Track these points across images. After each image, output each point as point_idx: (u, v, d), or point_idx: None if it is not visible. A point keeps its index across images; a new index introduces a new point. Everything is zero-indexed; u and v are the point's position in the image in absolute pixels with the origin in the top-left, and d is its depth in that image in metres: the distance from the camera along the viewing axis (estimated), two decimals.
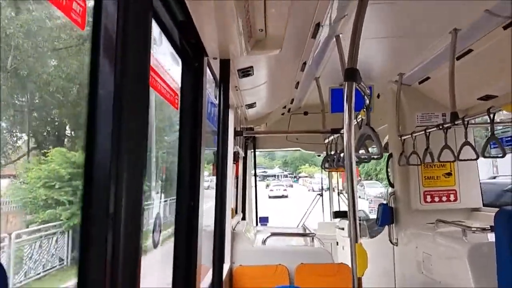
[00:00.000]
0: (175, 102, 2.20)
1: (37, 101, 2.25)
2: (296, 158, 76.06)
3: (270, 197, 40.15)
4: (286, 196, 42.59)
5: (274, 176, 73.44)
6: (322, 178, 9.28)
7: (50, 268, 2.34)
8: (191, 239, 2.35)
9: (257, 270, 3.93)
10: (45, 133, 2.40)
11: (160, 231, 2.70)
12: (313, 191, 8.55)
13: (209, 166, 3.67)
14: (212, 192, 3.10)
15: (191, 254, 2.36)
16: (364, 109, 3.04)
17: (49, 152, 2.34)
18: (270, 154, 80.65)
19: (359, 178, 33.99)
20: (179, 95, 2.26)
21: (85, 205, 1.08)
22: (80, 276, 1.07)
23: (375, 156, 3.37)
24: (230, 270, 4.01)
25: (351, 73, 2.35)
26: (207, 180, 3.59)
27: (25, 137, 2.22)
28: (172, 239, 2.35)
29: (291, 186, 58.38)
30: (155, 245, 2.22)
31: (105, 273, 1.05)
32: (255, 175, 7.36)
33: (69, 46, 2.23)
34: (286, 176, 75.91)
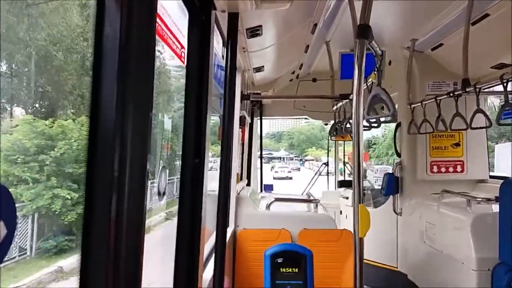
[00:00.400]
0: (182, 56, 2.14)
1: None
2: (302, 141, 75.04)
3: (274, 178, 39.90)
4: (291, 178, 42.56)
5: (280, 158, 72.35)
6: (328, 147, 9.24)
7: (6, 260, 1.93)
8: (196, 199, 2.34)
9: (260, 234, 3.96)
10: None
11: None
12: (320, 175, 8.47)
13: (215, 129, 3.64)
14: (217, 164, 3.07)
15: (196, 214, 2.35)
16: (375, 71, 2.97)
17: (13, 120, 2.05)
18: (276, 136, 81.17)
19: (368, 162, 33.45)
20: (186, 49, 2.20)
21: (89, 167, 1.05)
22: (84, 238, 1.05)
23: (387, 119, 3.32)
24: (234, 233, 4.04)
25: (363, 30, 2.27)
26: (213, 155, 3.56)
27: None
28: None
29: (298, 169, 56.81)
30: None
31: (109, 236, 1.04)
32: (261, 142, 7.33)
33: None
34: (292, 159, 73.25)
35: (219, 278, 2.50)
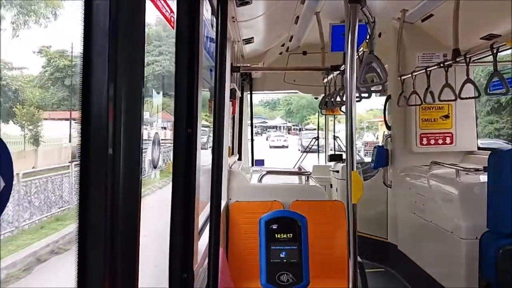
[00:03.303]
0: (171, 21, 2.08)
1: None
2: (302, 107, 61.60)
3: (271, 147, 40.27)
4: (287, 147, 41.58)
5: (275, 127, 63.66)
6: (318, 121, 9.25)
7: None
8: (189, 168, 2.33)
9: (253, 205, 3.97)
10: None
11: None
12: (310, 150, 8.19)
13: (205, 102, 3.60)
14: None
15: (189, 184, 2.34)
16: (367, 40, 2.94)
17: None
18: (270, 103, 70.12)
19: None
20: (175, 14, 2.14)
21: (83, 144, 1.03)
22: (81, 213, 1.04)
23: (379, 88, 3.32)
24: (227, 206, 4.05)
25: None
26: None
27: None
28: None
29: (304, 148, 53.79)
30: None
31: (105, 214, 1.04)
32: (251, 117, 7.30)
33: None
34: (290, 129, 64.96)
35: (214, 248, 2.51)
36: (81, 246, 1.03)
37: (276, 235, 2.69)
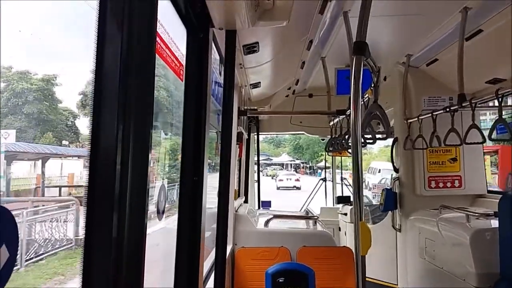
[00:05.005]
0: (180, 74, 2.13)
1: None
2: (313, 142, 51.92)
3: (278, 188, 34.61)
4: (299, 188, 34.50)
5: (282, 165, 57.35)
6: (325, 163, 9.22)
7: None
8: (195, 217, 2.32)
9: (259, 252, 3.91)
10: None
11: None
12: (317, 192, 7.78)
13: (212, 145, 3.62)
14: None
15: (195, 232, 2.32)
16: (372, 88, 2.98)
17: None
18: (275, 140, 63.75)
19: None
20: (184, 66, 2.19)
21: (90, 185, 1.05)
22: (85, 256, 1.04)
23: (382, 136, 3.32)
24: (232, 252, 3.99)
25: (360, 47, 2.28)
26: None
27: None
28: None
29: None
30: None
31: (110, 256, 1.04)
32: (258, 158, 7.30)
33: None
34: (298, 167, 57.02)
35: None
36: None
37: None
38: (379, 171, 26.22)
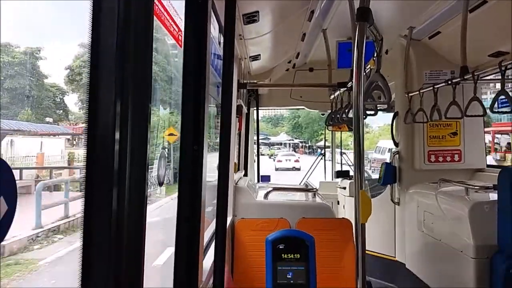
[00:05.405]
0: (179, 39, 2.09)
1: None
2: (313, 120, 50.02)
3: (277, 169, 33.02)
4: (298, 169, 31.74)
5: (280, 144, 55.11)
6: (325, 136, 9.22)
7: None
8: (195, 186, 2.32)
9: (259, 223, 3.93)
10: None
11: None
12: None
13: (213, 118, 3.60)
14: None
15: (195, 202, 2.33)
16: (374, 58, 2.94)
17: None
18: (273, 119, 61.93)
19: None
20: (183, 32, 2.15)
21: (89, 161, 1.03)
22: (85, 232, 1.04)
23: (384, 106, 3.30)
24: (232, 223, 4.02)
25: (364, 13, 2.23)
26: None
27: None
28: None
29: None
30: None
31: (110, 230, 1.04)
32: (258, 132, 7.29)
33: None
34: (297, 146, 54.29)
35: (219, 265, 2.48)
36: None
37: (283, 255, 2.65)
38: (389, 150, 26.24)
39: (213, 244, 3.06)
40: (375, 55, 2.90)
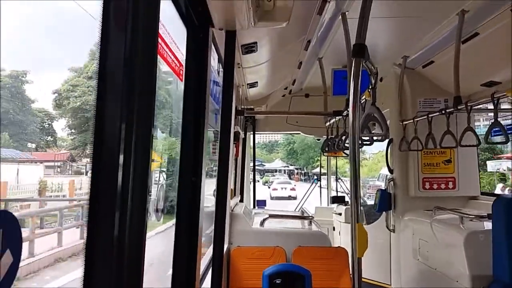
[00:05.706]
0: (180, 74, 2.13)
1: None
2: (308, 146, 49.22)
3: (273, 197, 31.69)
4: (295, 198, 30.27)
5: (275, 171, 53.87)
6: (320, 163, 9.25)
7: None
8: (192, 217, 2.32)
9: (255, 251, 3.91)
10: None
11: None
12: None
13: (209, 144, 3.62)
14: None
15: (192, 232, 2.33)
16: (369, 89, 2.99)
17: None
18: (268, 145, 60.91)
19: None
20: (184, 66, 2.19)
21: (93, 184, 1.05)
22: (87, 254, 1.04)
23: (379, 138, 3.34)
24: (228, 251, 3.99)
25: (359, 49, 2.29)
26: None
27: None
28: None
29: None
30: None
31: (112, 252, 1.05)
32: (254, 157, 7.31)
33: None
34: (292, 173, 53.64)
35: None
36: None
37: None
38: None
39: (210, 272, 3.04)
40: (370, 87, 2.95)
